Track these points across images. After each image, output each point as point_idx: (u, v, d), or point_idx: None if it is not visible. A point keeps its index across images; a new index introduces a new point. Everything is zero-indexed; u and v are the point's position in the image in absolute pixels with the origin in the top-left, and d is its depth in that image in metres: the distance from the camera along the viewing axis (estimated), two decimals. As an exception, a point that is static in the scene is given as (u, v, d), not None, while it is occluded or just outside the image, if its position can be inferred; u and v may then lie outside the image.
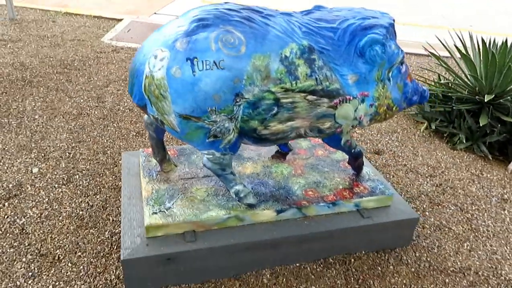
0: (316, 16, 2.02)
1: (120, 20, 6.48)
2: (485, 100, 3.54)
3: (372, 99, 2.09)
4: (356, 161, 2.47)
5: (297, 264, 2.30)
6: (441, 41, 4.21)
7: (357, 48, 1.99)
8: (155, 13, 7.14)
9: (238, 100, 1.86)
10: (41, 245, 2.30)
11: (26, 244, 2.30)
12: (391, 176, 3.15)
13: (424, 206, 2.86)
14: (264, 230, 2.20)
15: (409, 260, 2.40)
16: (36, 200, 2.60)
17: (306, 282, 2.21)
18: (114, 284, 2.11)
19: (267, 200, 2.28)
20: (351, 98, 2.03)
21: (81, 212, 2.54)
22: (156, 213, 2.14)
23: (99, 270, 2.18)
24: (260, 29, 1.87)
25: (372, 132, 3.82)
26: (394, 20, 2.11)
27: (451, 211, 2.85)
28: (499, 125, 3.58)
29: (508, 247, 2.57)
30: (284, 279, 2.22)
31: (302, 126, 2.04)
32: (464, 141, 3.65)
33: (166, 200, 2.23)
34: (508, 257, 2.50)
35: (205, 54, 1.79)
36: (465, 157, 3.51)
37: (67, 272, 2.16)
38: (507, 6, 8.90)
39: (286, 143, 2.70)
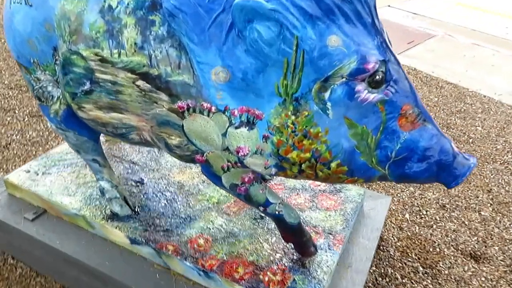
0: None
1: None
2: None
3: (267, 126, 1.11)
4: (280, 229, 1.45)
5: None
6: None
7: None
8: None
9: (56, 58, 1.31)
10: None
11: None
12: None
13: None
14: (100, 253, 1.57)
15: None
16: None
17: None
18: None
19: (137, 220, 1.62)
20: (213, 108, 1.12)
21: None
22: (28, 171, 1.83)
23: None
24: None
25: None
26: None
27: None
28: None
29: None
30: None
31: (140, 127, 1.29)
32: None
33: (58, 165, 1.87)
34: None
35: (21, -20, 1.31)
36: None
37: None
38: None
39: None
